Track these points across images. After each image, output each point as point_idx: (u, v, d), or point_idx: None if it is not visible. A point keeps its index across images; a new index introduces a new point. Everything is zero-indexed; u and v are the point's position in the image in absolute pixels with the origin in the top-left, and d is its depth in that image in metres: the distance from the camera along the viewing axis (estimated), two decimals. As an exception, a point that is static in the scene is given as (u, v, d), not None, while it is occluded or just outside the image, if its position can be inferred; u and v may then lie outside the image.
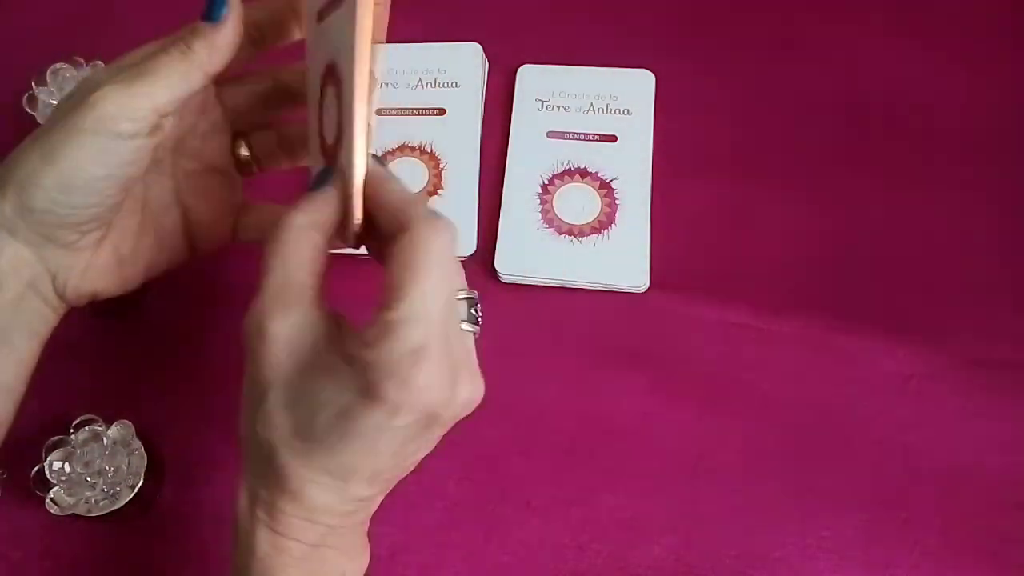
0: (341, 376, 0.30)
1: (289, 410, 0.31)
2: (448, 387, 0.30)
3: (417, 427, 0.31)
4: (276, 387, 0.31)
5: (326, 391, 0.30)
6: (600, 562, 0.44)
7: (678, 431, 0.47)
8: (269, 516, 0.33)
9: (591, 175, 0.53)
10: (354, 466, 0.32)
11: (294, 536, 0.33)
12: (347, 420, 0.30)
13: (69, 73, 0.54)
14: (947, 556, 0.44)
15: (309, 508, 0.32)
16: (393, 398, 0.29)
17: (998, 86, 0.55)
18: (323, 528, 0.33)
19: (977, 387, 0.47)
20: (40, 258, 0.37)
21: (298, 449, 0.31)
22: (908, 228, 0.51)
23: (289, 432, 0.31)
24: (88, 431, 0.45)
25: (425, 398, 0.30)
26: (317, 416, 0.31)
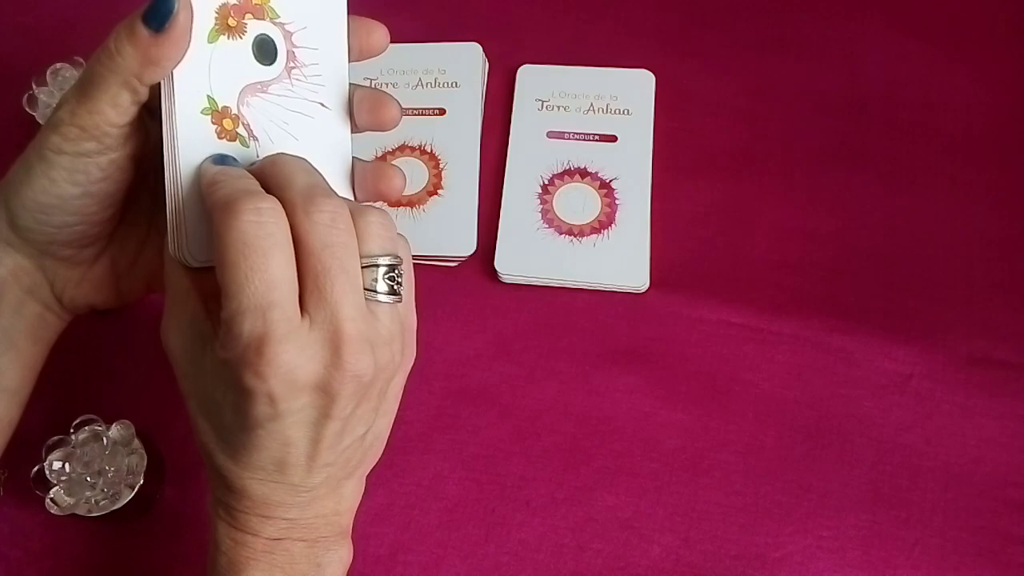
0: (225, 375, 0.31)
1: (204, 415, 0.33)
2: (318, 361, 0.30)
3: (317, 408, 0.31)
4: (190, 396, 0.33)
5: (219, 391, 0.32)
6: (600, 562, 0.44)
7: (678, 431, 0.47)
8: (228, 514, 0.34)
9: (591, 175, 0.53)
10: (279, 458, 0.32)
11: (252, 531, 0.33)
12: (242, 416, 0.31)
13: (69, 73, 0.54)
14: (947, 556, 0.44)
15: (259, 503, 0.33)
16: (257, 387, 0.30)
17: (998, 86, 0.55)
18: (283, 522, 0.33)
19: (977, 387, 0.47)
20: (39, 267, 0.37)
21: (225, 450, 0.32)
22: (908, 228, 0.51)
23: (213, 436, 0.33)
24: (88, 431, 0.45)
25: (289, 378, 0.30)
26: (223, 416, 0.32)
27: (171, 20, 0.30)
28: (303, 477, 0.33)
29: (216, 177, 0.32)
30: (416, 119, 0.55)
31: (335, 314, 0.30)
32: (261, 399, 0.30)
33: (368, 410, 0.33)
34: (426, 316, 0.40)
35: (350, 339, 0.30)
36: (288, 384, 0.30)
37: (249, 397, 0.30)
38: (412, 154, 0.54)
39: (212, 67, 0.34)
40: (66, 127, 0.32)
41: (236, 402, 0.31)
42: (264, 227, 0.29)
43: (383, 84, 0.56)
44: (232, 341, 0.30)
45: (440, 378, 0.49)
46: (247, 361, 0.29)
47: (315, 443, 0.32)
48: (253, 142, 0.35)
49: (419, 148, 0.54)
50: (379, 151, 0.54)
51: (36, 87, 0.53)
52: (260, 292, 0.29)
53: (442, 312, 0.50)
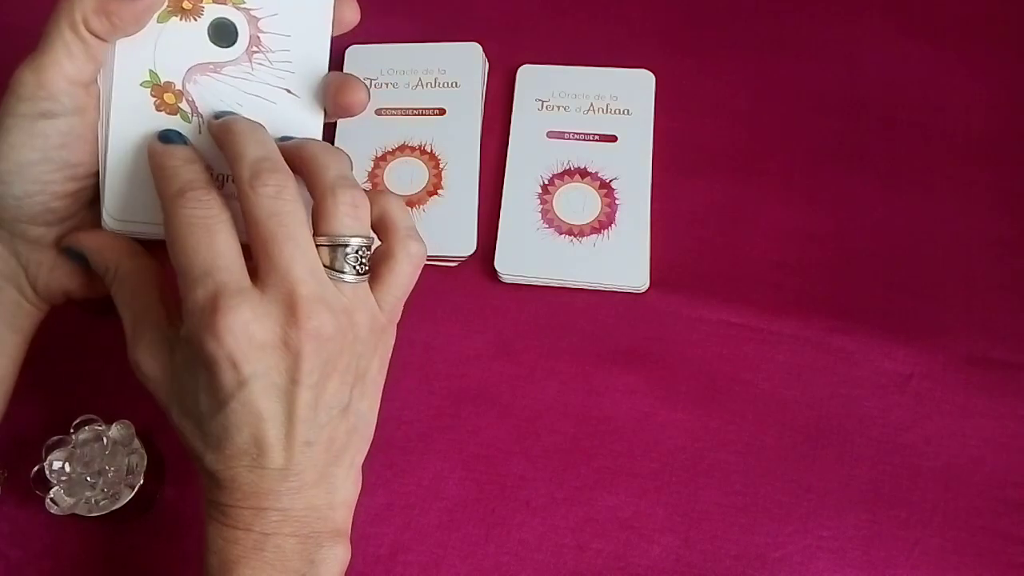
0: (191, 357, 0.33)
1: (184, 414, 0.34)
2: (274, 319, 0.32)
3: (282, 372, 0.32)
4: (170, 403, 0.34)
5: (191, 379, 0.33)
6: (600, 562, 0.44)
7: (678, 431, 0.47)
8: (219, 512, 0.34)
9: (591, 175, 0.53)
10: (256, 436, 0.33)
11: (244, 526, 0.33)
12: (213, 394, 0.32)
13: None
14: (947, 556, 0.44)
15: (249, 493, 0.33)
16: (218, 352, 0.31)
17: (998, 86, 0.55)
18: (274, 513, 0.33)
19: (977, 387, 0.47)
20: (13, 252, 0.37)
21: (209, 442, 0.33)
22: (908, 228, 0.51)
23: (197, 433, 0.34)
24: (88, 431, 0.45)
25: (246, 337, 0.31)
26: (200, 405, 0.33)
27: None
28: (285, 458, 0.33)
29: (163, 161, 0.34)
30: (416, 119, 0.55)
31: (286, 276, 0.32)
32: (224, 365, 0.31)
33: (340, 384, 0.34)
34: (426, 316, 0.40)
35: (304, 298, 0.32)
36: (246, 343, 0.31)
37: (213, 366, 0.32)
38: (412, 154, 0.54)
39: (158, 44, 0.35)
40: (23, 84, 0.33)
41: (207, 381, 0.32)
42: (209, 210, 0.32)
43: (383, 84, 0.56)
44: (189, 314, 0.32)
45: (440, 378, 0.49)
46: (204, 326, 0.31)
47: (289, 416, 0.33)
48: (196, 118, 0.36)
49: (419, 148, 0.54)
50: (379, 151, 0.54)
51: (36, 87, 0.53)
52: (207, 260, 0.32)
53: (442, 312, 0.50)
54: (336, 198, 0.33)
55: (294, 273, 0.32)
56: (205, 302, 0.31)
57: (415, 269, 0.36)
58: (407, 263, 0.35)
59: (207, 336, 0.31)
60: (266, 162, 0.33)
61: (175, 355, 0.34)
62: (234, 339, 0.31)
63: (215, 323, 0.31)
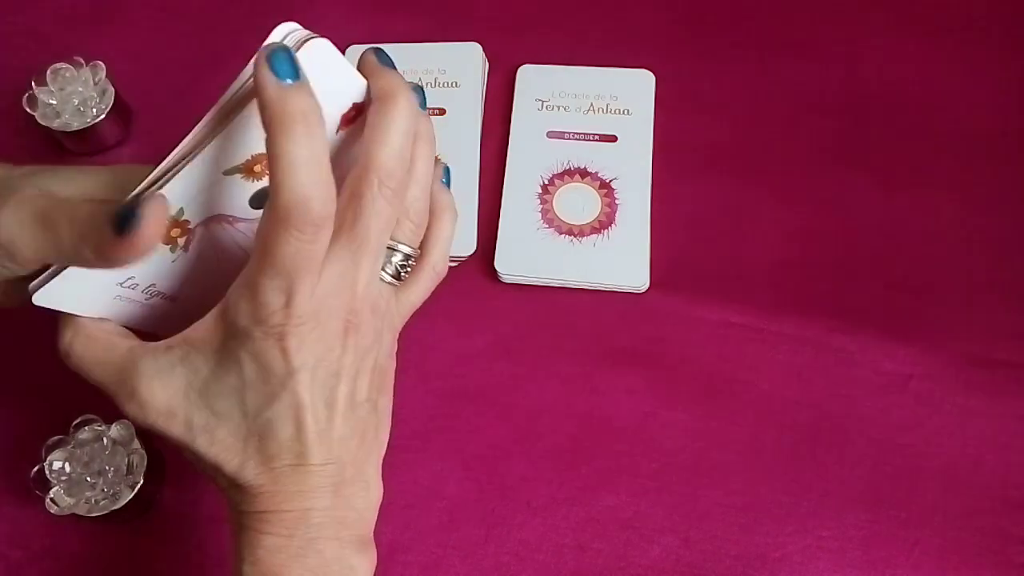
0: (230, 361, 0.33)
1: (219, 426, 0.33)
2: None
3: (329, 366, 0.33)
4: (193, 425, 0.34)
5: (231, 381, 0.33)
6: (600, 562, 0.44)
7: (678, 431, 0.47)
8: (260, 522, 0.33)
9: (591, 175, 0.53)
10: (300, 431, 0.33)
11: (288, 532, 0.33)
12: (260, 388, 0.32)
13: (69, 73, 0.54)
14: (947, 556, 0.44)
15: (293, 493, 0.33)
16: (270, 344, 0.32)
17: (998, 86, 0.55)
18: (318, 515, 0.33)
19: (977, 387, 0.47)
20: None
21: (248, 448, 0.33)
22: (908, 228, 0.51)
23: (234, 442, 0.33)
24: (88, 431, 0.45)
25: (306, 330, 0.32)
26: (244, 405, 0.33)
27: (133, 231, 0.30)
28: (326, 452, 0.34)
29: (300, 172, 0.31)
30: (416, 119, 0.55)
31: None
32: (275, 355, 0.32)
33: (370, 380, 0.35)
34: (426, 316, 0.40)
35: (358, 296, 0.34)
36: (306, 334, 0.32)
37: (263, 356, 0.32)
38: (412, 154, 0.54)
39: (212, 190, 0.34)
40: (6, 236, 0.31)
41: (255, 375, 0.32)
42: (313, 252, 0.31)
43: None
44: (249, 309, 0.32)
45: (440, 378, 0.49)
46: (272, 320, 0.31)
47: (330, 409, 0.34)
48: (180, 252, 0.35)
49: (419, 148, 0.54)
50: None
51: (36, 87, 0.53)
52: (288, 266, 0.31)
53: (442, 312, 0.50)
54: (408, 212, 0.35)
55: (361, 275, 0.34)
56: (279, 298, 0.31)
57: (434, 284, 0.39)
58: (430, 278, 0.38)
59: (270, 330, 0.31)
60: (398, 161, 0.33)
61: (196, 367, 0.33)
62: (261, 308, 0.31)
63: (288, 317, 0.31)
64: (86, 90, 0.54)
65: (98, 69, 0.54)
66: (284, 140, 0.29)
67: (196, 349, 0.33)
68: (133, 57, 0.58)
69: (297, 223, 0.30)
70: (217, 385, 0.33)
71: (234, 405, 0.33)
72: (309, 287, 0.31)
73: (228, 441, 0.33)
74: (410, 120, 0.33)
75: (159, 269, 0.36)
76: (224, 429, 0.33)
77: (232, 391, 0.33)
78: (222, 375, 0.33)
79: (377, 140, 0.33)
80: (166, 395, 0.34)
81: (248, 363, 0.32)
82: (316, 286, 0.32)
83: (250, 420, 0.33)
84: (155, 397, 0.34)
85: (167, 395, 0.34)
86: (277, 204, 0.30)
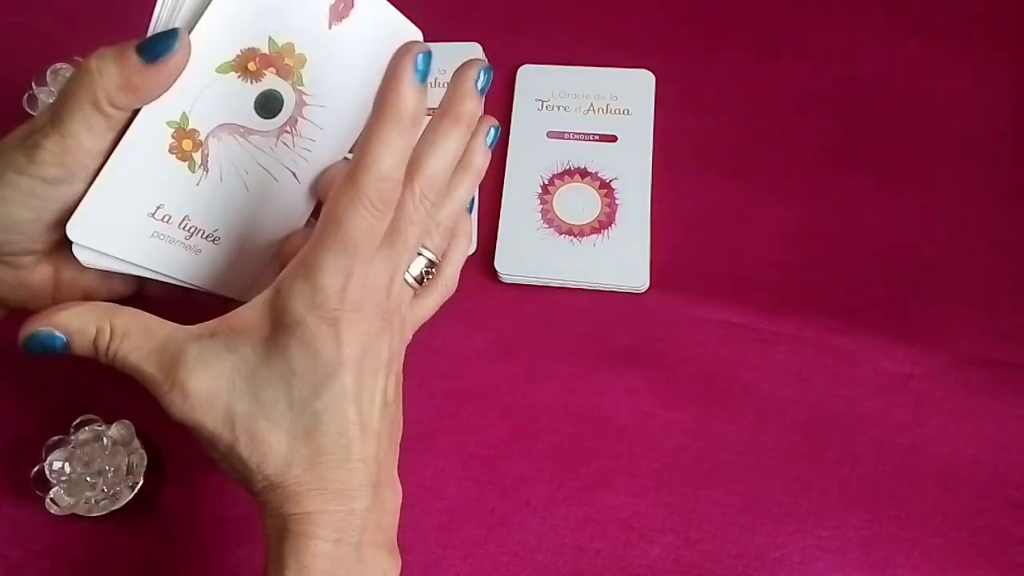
0: (282, 349, 0.32)
1: (264, 416, 0.32)
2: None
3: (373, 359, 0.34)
4: (236, 415, 0.33)
5: (281, 368, 0.32)
6: (600, 562, 0.44)
7: (678, 431, 0.47)
8: (306, 524, 0.32)
9: (591, 175, 0.53)
10: (344, 426, 0.33)
11: (335, 536, 0.32)
12: (310, 378, 0.32)
13: (69, 73, 0.54)
14: (947, 556, 0.44)
15: (340, 491, 0.33)
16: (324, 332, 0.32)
17: (998, 86, 0.55)
18: (359, 518, 0.33)
19: (977, 387, 0.47)
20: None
21: (295, 445, 0.33)
22: (908, 228, 0.51)
23: (280, 435, 0.33)
24: (88, 431, 0.45)
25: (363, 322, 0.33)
26: (291, 394, 0.32)
27: (166, 56, 0.31)
28: (367, 448, 0.33)
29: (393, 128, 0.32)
30: (416, 119, 0.55)
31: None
32: (330, 344, 0.32)
33: (396, 379, 0.36)
34: (426, 316, 0.40)
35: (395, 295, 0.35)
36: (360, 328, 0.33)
37: (315, 341, 0.32)
38: (412, 154, 0.54)
39: (204, 92, 0.33)
40: (35, 149, 0.32)
41: (304, 363, 0.32)
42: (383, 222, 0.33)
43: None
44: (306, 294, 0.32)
45: (440, 378, 0.49)
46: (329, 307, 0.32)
47: (371, 403, 0.34)
48: (201, 171, 0.35)
49: (419, 148, 0.54)
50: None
51: (36, 87, 0.53)
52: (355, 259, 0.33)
53: (442, 312, 0.50)
54: (440, 224, 0.37)
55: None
56: (338, 280, 0.32)
57: (443, 301, 0.41)
58: (441, 293, 0.40)
59: (324, 314, 0.32)
60: (443, 176, 0.35)
61: (243, 355, 0.33)
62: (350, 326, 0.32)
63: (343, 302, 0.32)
64: (86, 90, 0.54)
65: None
66: (391, 126, 0.31)
67: (242, 335, 0.33)
68: (133, 57, 0.58)
69: (374, 198, 0.31)
70: (265, 372, 0.32)
71: (280, 396, 0.32)
72: (363, 272, 0.32)
73: (272, 436, 0.32)
74: (462, 142, 0.36)
75: (185, 193, 0.35)
76: (268, 422, 0.32)
77: (280, 380, 0.32)
78: (270, 362, 0.32)
79: (429, 151, 0.35)
80: (212, 386, 0.32)
81: (297, 350, 0.32)
82: (369, 272, 0.33)
83: (296, 412, 0.32)
84: (200, 387, 0.32)
85: (213, 386, 0.32)
86: (359, 178, 0.31)
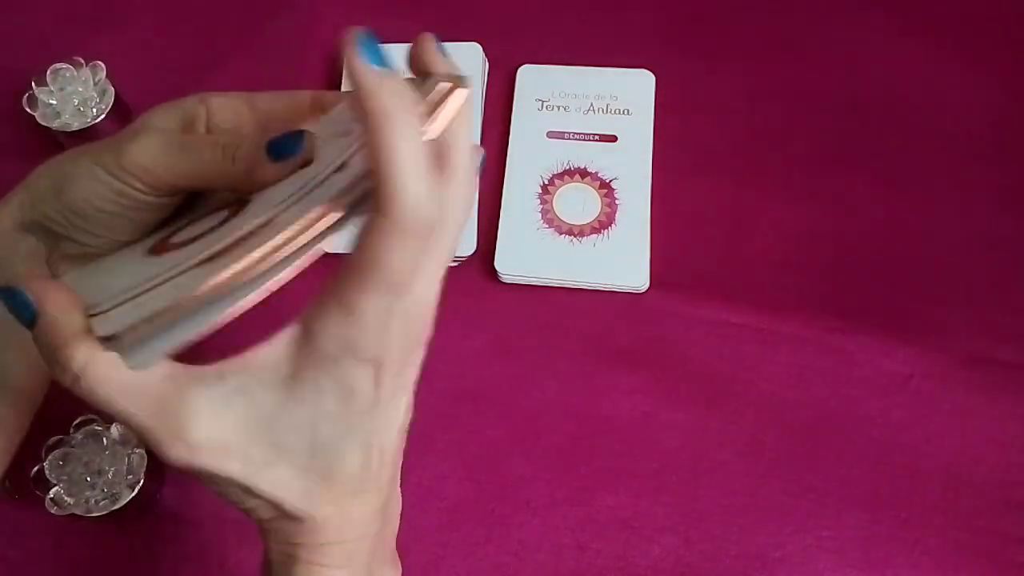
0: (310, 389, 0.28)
1: (281, 459, 0.29)
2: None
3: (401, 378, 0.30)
4: (251, 460, 0.29)
5: (309, 411, 0.29)
6: (600, 562, 0.44)
7: (678, 431, 0.47)
8: (317, 554, 0.31)
9: (591, 175, 0.53)
10: (368, 455, 0.30)
11: (346, 562, 0.31)
12: (342, 417, 0.29)
13: (69, 73, 0.54)
14: (947, 556, 0.44)
15: (358, 522, 0.31)
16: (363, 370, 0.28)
17: (999, 86, 0.55)
18: (371, 541, 0.32)
19: (977, 387, 0.47)
20: (48, 260, 0.36)
21: (312, 482, 0.30)
22: (908, 228, 0.51)
23: (297, 474, 0.29)
24: (88, 431, 0.45)
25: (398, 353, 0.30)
26: (317, 437, 0.29)
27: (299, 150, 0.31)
28: (383, 474, 0.31)
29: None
30: (416, 119, 0.55)
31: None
32: (367, 383, 0.29)
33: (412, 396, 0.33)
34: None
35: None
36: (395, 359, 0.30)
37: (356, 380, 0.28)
38: (412, 154, 0.54)
39: None
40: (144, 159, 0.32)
41: (339, 402, 0.29)
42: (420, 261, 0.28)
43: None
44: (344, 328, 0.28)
45: (440, 378, 0.49)
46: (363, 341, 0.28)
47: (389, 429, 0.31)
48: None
49: (419, 148, 0.54)
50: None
51: (36, 87, 0.53)
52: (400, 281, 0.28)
53: (442, 312, 0.50)
54: None
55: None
56: (380, 319, 0.28)
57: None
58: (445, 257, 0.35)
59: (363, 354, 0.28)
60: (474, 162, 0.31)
61: (258, 399, 0.29)
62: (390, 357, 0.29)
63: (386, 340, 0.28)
64: (86, 90, 0.54)
65: (98, 69, 0.54)
66: (390, 134, 0.25)
67: (259, 378, 0.29)
68: (133, 57, 0.58)
69: (412, 229, 0.26)
70: (287, 417, 0.29)
71: (304, 440, 0.29)
72: (406, 305, 0.28)
73: (289, 474, 0.29)
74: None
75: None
76: (286, 463, 0.29)
77: (304, 424, 0.29)
78: (293, 406, 0.28)
79: (464, 136, 0.30)
80: (223, 433, 0.28)
81: (331, 392, 0.28)
82: (411, 304, 0.28)
83: (318, 451, 0.29)
84: (209, 436, 0.28)
85: (224, 433, 0.28)
86: (390, 210, 0.25)
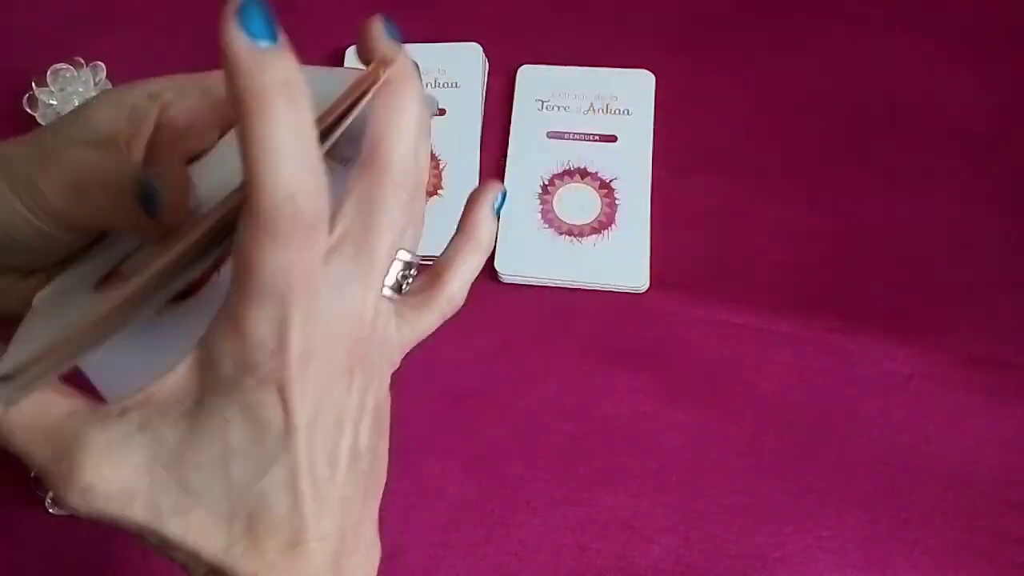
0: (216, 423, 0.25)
1: (197, 504, 0.26)
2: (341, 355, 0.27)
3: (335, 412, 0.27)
4: (161, 507, 0.26)
5: (214, 447, 0.26)
6: (600, 562, 0.44)
7: (678, 431, 0.47)
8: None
9: (591, 175, 0.53)
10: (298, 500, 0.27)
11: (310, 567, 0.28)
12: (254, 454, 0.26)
13: (69, 73, 0.54)
14: (947, 556, 0.44)
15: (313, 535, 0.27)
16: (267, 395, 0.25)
17: (999, 86, 0.55)
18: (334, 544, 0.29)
19: (977, 387, 0.47)
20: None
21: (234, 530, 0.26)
22: (908, 228, 0.51)
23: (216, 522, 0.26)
24: (88, 431, 0.44)
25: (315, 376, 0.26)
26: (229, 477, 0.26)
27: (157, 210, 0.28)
28: (326, 522, 0.27)
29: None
30: (416, 119, 0.55)
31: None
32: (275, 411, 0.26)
33: (370, 423, 0.29)
34: (426, 316, 0.40)
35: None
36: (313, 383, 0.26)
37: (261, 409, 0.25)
38: (412, 154, 0.54)
39: None
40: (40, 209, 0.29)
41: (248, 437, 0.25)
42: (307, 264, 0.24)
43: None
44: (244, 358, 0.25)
45: (440, 378, 0.49)
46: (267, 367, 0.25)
47: (332, 467, 0.27)
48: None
49: (419, 148, 0.54)
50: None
51: (36, 87, 0.53)
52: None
53: (442, 312, 0.50)
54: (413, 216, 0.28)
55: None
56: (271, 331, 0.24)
57: (445, 317, 0.33)
58: (443, 308, 0.33)
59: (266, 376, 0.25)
60: (417, 165, 0.27)
61: (161, 436, 0.26)
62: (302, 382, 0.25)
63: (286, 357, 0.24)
64: (86, 91, 0.54)
65: (98, 69, 0.54)
66: (261, 120, 0.22)
67: (160, 412, 0.25)
68: (133, 57, 0.58)
69: (285, 228, 0.22)
70: (192, 456, 0.25)
71: (215, 479, 0.26)
72: (307, 312, 0.24)
73: (207, 523, 0.26)
74: (423, 108, 0.27)
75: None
76: (202, 509, 0.26)
77: (213, 461, 0.25)
78: (199, 443, 0.25)
79: (393, 133, 0.26)
80: (119, 476, 0.25)
81: (237, 423, 0.25)
82: (316, 311, 0.25)
83: (236, 494, 0.26)
84: (104, 480, 0.25)
85: (121, 476, 0.25)
86: (257, 207, 0.22)
